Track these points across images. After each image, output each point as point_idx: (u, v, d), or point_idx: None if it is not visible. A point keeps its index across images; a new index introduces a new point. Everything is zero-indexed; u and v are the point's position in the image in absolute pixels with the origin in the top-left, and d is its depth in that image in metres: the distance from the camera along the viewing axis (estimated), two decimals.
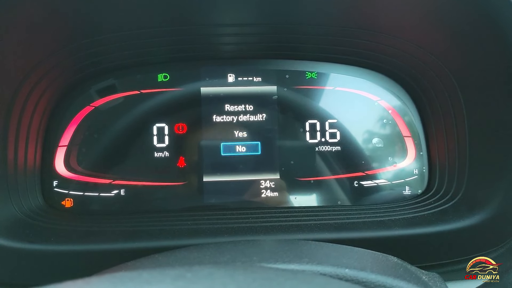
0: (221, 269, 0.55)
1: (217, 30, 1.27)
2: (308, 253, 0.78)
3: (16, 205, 1.16)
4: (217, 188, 1.38)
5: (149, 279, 0.50)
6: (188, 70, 1.41)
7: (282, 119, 1.41)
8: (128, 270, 0.74)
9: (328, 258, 0.77)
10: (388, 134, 1.43)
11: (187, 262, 0.75)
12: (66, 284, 0.52)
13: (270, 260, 0.71)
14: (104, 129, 1.36)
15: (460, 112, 1.20)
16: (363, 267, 0.71)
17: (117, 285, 0.48)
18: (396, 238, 1.12)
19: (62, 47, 1.16)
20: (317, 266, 0.69)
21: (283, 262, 0.71)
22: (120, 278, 0.50)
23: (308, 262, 0.70)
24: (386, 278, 0.69)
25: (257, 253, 0.77)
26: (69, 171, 1.34)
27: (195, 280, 0.50)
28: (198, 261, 0.75)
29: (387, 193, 1.42)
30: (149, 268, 0.72)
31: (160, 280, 0.49)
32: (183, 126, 1.39)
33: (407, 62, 1.31)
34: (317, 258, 0.73)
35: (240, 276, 0.51)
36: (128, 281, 0.49)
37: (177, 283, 0.49)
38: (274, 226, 1.17)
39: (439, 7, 1.04)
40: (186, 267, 0.54)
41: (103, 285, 0.50)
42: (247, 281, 0.50)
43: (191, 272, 0.52)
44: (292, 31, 1.27)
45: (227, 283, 0.49)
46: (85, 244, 1.08)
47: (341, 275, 0.68)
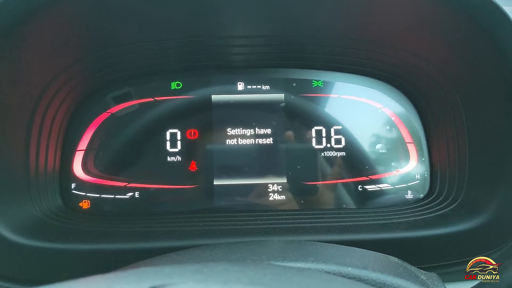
0: (234, 265, 0.60)
1: (228, 41, 1.30)
2: (313, 253, 0.82)
3: (36, 206, 1.20)
4: (226, 191, 1.41)
5: (171, 273, 0.54)
6: (200, 78, 1.44)
7: (289, 125, 1.44)
8: (148, 266, 0.79)
9: (332, 257, 0.80)
10: (391, 140, 1.45)
11: (201, 260, 0.79)
12: (95, 277, 0.57)
13: (278, 259, 0.75)
14: (119, 134, 1.40)
15: (460, 119, 1.22)
16: (365, 266, 0.75)
17: (142, 278, 0.53)
18: (398, 240, 1.14)
19: (81, 57, 1.20)
20: (322, 265, 0.73)
21: (290, 261, 0.74)
22: (144, 272, 0.55)
23: (313, 261, 0.74)
24: (386, 277, 0.72)
25: (266, 252, 0.80)
26: (86, 174, 1.38)
27: (212, 274, 0.54)
28: (211, 259, 0.78)
29: (390, 197, 1.44)
30: (167, 264, 0.76)
31: (180, 274, 0.54)
32: (195, 131, 1.42)
33: (409, 71, 1.33)
34: (322, 258, 0.77)
35: (252, 272, 0.56)
36: (152, 275, 0.54)
37: (196, 276, 0.54)
38: (281, 228, 1.19)
39: (439, 20, 1.06)
40: (202, 264, 0.59)
41: (129, 278, 0.54)
42: (258, 276, 0.55)
43: (207, 268, 0.57)
44: (299, 42, 1.30)
45: (241, 277, 0.54)
46: (101, 243, 1.11)
47: (344, 273, 0.72)
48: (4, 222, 1.07)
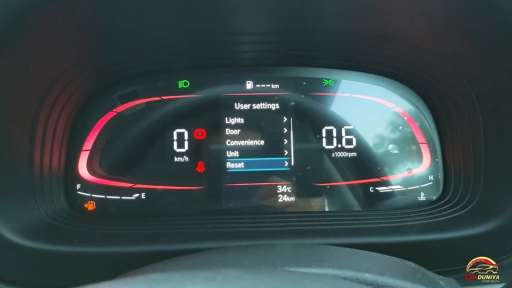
0: (248, 272, 0.57)
1: (236, 39, 1.28)
2: (328, 258, 0.79)
3: (41, 208, 1.18)
4: (235, 192, 1.39)
5: (182, 280, 0.51)
6: (208, 77, 1.42)
7: (298, 125, 1.42)
8: (155, 272, 0.76)
9: (348, 262, 0.78)
10: (403, 141, 1.43)
11: (211, 265, 0.76)
12: (102, 284, 0.54)
13: (292, 264, 0.72)
14: (125, 134, 1.38)
15: (475, 118, 1.20)
16: (383, 271, 0.72)
17: (152, 285, 0.50)
18: (411, 243, 1.11)
19: (87, 55, 1.19)
20: (338, 270, 0.70)
21: (304, 266, 0.72)
22: (154, 279, 0.52)
23: (329, 266, 0.71)
24: (406, 283, 0.70)
25: (279, 257, 0.77)
26: (91, 175, 1.36)
27: (226, 282, 0.52)
28: (221, 264, 0.76)
29: (402, 199, 1.42)
30: (176, 270, 0.74)
31: (192, 281, 0.51)
32: (203, 131, 1.40)
33: (422, 69, 1.31)
34: (338, 263, 0.74)
35: (268, 279, 0.53)
36: (162, 282, 0.51)
37: (209, 284, 0.51)
38: (291, 230, 1.17)
39: (453, 14, 1.04)
40: (214, 270, 0.56)
41: (138, 285, 0.52)
42: (275, 284, 0.52)
43: (221, 274, 0.54)
44: (309, 39, 1.28)
45: (257, 285, 0.51)
46: (106, 246, 1.10)
47: (361, 279, 0.69)
48: (8, 224, 1.05)
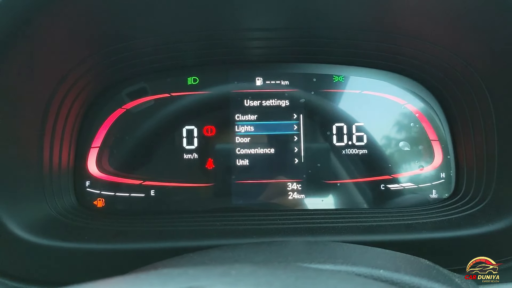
0: (262, 268, 0.56)
1: (246, 35, 1.27)
2: (342, 254, 0.79)
3: (50, 204, 1.18)
4: (244, 189, 1.39)
5: (196, 275, 0.51)
6: (217, 74, 1.41)
7: (309, 122, 1.41)
8: (167, 268, 0.75)
9: (362, 259, 0.77)
10: (414, 138, 1.42)
11: (224, 261, 0.76)
12: (114, 279, 0.53)
13: (305, 261, 0.71)
14: (135, 131, 1.38)
15: (489, 115, 1.18)
16: (397, 268, 0.72)
17: (167, 280, 0.50)
18: (424, 241, 1.11)
19: (96, 52, 1.18)
20: (352, 267, 0.69)
21: (318, 262, 0.71)
22: (167, 274, 0.52)
23: (343, 263, 0.70)
24: (421, 280, 0.69)
25: (292, 253, 0.77)
26: (101, 172, 1.36)
27: (240, 277, 0.51)
28: (234, 260, 0.75)
29: (413, 197, 1.41)
30: (188, 266, 0.73)
31: (207, 276, 0.51)
32: (212, 128, 1.40)
33: (434, 65, 1.30)
34: (352, 259, 0.73)
35: (283, 275, 0.52)
36: (176, 276, 0.51)
37: (224, 279, 0.50)
38: (302, 228, 1.17)
39: (470, 12, 1.02)
40: (228, 265, 0.55)
41: (151, 280, 0.51)
42: (291, 280, 0.51)
43: (235, 270, 0.53)
44: (320, 35, 1.27)
45: (272, 281, 0.50)
46: (116, 243, 1.09)
47: (376, 276, 0.68)
48: (17, 221, 1.05)
